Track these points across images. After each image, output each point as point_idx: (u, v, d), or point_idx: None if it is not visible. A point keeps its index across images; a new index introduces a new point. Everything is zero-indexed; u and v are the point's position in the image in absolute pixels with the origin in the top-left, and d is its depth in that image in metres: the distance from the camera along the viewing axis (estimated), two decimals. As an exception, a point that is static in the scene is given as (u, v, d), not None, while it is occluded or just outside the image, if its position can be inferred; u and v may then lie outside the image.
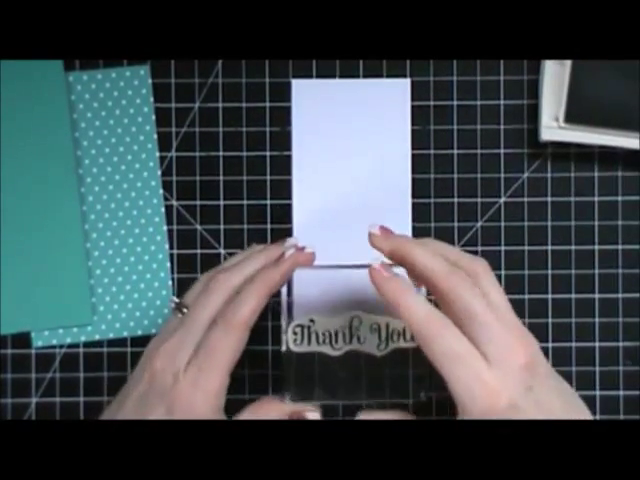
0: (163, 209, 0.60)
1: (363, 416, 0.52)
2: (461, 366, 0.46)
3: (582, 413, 0.48)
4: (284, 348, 0.53)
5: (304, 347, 0.53)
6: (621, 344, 0.60)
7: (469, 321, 0.47)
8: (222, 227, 0.60)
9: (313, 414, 0.53)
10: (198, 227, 0.60)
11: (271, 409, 0.53)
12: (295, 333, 0.53)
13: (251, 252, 0.55)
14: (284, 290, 0.53)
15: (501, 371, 0.46)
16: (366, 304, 0.55)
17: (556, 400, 0.47)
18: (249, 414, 0.52)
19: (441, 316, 0.47)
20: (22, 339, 0.60)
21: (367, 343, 0.54)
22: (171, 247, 0.61)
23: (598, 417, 0.60)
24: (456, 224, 0.60)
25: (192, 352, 0.50)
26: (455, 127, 0.60)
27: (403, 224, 0.60)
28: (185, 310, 0.52)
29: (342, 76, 0.60)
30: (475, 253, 0.60)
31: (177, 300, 0.53)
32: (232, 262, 0.54)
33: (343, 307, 0.54)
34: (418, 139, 0.60)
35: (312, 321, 0.53)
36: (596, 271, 0.60)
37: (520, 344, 0.47)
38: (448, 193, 0.60)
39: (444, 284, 0.48)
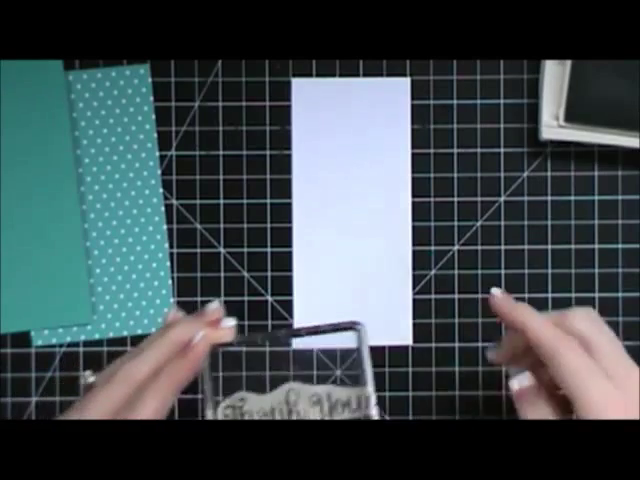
0: (163, 208, 0.60)
1: None
2: (589, 379, 0.46)
3: None
4: None
5: None
6: (621, 343, 0.60)
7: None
8: (222, 226, 0.60)
9: None
10: (198, 226, 0.60)
11: None
12: (226, 415, 0.47)
13: (164, 332, 0.47)
14: (206, 368, 0.46)
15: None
16: (303, 374, 0.49)
17: None
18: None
19: (568, 336, 0.47)
20: (22, 338, 0.60)
21: (308, 418, 0.47)
22: (171, 246, 0.60)
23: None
24: (456, 223, 0.60)
25: None
26: (455, 126, 0.60)
27: (403, 223, 0.60)
28: None
29: (342, 75, 0.60)
30: (475, 252, 0.60)
31: (92, 380, 0.47)
32: (144, 345, 0.48)
33: (276, 380, 0.48)
34: (418, 138, 0.60)
35: (243, 400, 0.47)
36: (596, 270, 0.60)
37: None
38: (448, 192, 0.60)
39: (548, 348, 0.47)
